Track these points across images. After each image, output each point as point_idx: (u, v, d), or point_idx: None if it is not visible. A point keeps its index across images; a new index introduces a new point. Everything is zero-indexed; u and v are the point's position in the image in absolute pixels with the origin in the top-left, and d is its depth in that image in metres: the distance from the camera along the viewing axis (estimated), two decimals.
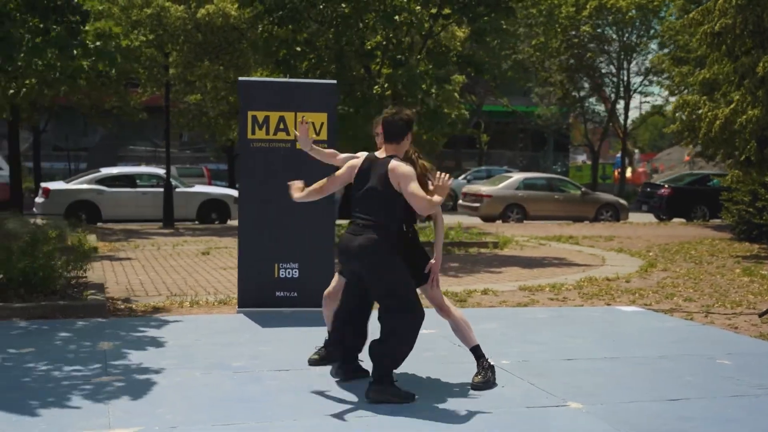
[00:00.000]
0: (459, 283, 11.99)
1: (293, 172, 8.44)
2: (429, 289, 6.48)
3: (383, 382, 5.89)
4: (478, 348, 6.48)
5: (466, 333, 6.49)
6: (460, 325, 6.48)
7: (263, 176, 9.18)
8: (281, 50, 16.20)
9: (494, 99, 36.27)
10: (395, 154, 6.00)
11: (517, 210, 24.82)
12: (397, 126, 6.00)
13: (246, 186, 9.31)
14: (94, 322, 8.61)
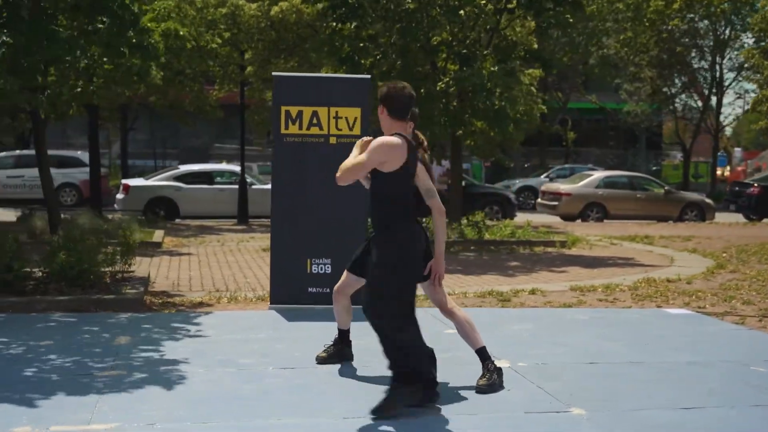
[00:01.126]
0: (510, 282, 11.68)
1: (326, 167, 8.34)
2: (431, 289, 6.24)
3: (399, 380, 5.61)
4: (483, 350, 6.22)
5: (471, 334, 6.23)
6: (464, 326, 6.23)
7: (296, 171, 9.08)
8: (345, 47, 16.09)
9: (582, 96, 35.51)
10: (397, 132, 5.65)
11: (596, 209, 24.21)
12: (404, 100, 5.66)
13: (278, 181, 9.21)
14: (124, 317, 8.63)
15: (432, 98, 15.88)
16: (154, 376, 6.26)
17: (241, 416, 5.36)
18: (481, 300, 10.11)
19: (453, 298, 10.14)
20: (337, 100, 9.06)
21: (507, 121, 15.74)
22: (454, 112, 15.91)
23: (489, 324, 8.45)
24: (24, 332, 7.74)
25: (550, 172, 31.15)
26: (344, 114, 9.07)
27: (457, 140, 17.07)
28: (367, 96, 9.26)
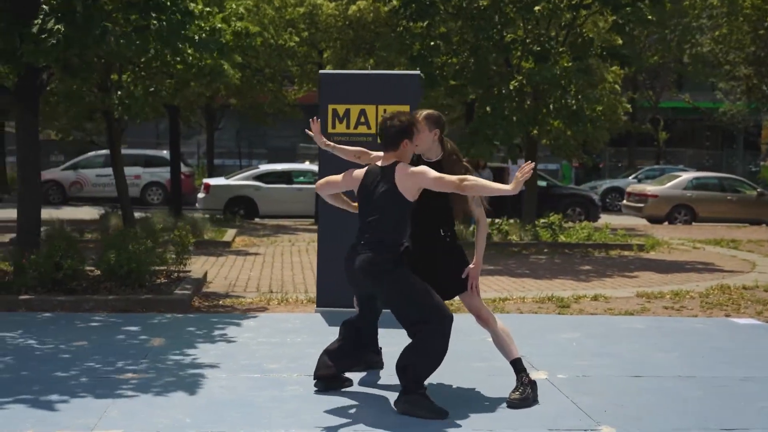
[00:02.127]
0: (577, 287, 11.25)
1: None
2: (467, 296, 5.96)
3: (412, 392, 5.45)
4: (518, 362, 5.90)
5: (507, 345, 5.93)
6: (500, 336, 5.95)
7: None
8: (416, 45, 15.82)
9: (674, 95, 34.43)
10: (398, 161, 5.57)
11: (684, 211, 23.36)
12: (390, 133, 5.61)
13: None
14: (168, 318, 8.56)
15: (505, 97, 15.49)
16: (175, 381, 6.12)
17: (246, 425, 5.16)
18: (539, 305, 9.73)
19: (511, 302, 9.83)
20: (386, 97, 8.80)
21: (584, 120, 15.22)
22: (528, 110, 15.48)
23: (537, 331, 8.12)
24: (63, 332, 7.72)
25: (639, 173, 30.25)
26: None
27: (532, 140, 16.63)
28: (418, 93, 8.98)
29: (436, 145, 5.92)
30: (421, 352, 5.46)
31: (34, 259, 9.15)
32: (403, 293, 5.49)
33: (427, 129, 5.83)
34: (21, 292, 9.06)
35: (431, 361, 5.50)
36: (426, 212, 5.90)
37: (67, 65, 9.93)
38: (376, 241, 5.52)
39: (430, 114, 5.92)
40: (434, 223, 5.93)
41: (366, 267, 5.50)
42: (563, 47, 15.97)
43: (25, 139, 9.79)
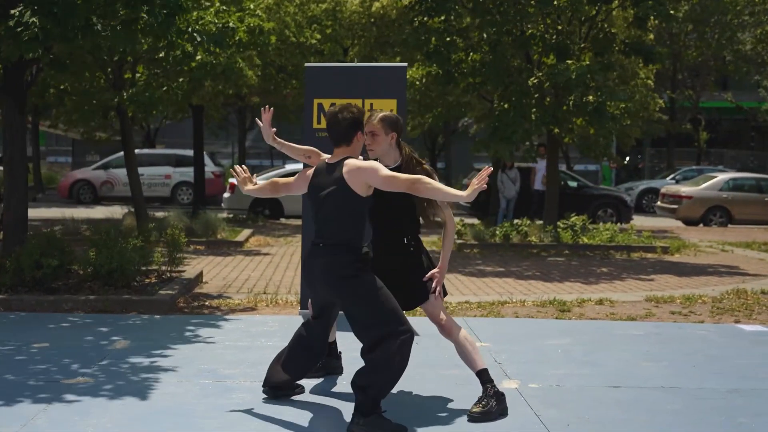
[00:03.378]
0: (582, 290, 10.80)
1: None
2: (429, 304, 5.58)
3: (368, 414, 5.04)
4: (484, 372, 5.47)
5: (471, 356, 5.51)
6: (464, 346, 5.52)
7: None
8: (433, 40, 15.42)
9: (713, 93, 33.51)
10: (349, 156, 5.22)
11: (720, 213, 22.65)
12: (342, 126, 5.23)
13: None
14: (144, 319, 8.30)
15: (524, 93, 15.03)
16: (122, 386, 5.83)
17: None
18: (538, 309, 9.31)
19: (510, 306, 9.42)
20: (372, 90, 8.45)
21: (606, 117, 14.69)
22: (548, 108, 15.00)
23: (525, 336, 7.73)
24: (29, 333, 7.49)
25: (677, 174, 29.47)
26: (379, 106, 8.39)
27: (553, 138, 16.14)
28: (404, 86, 8.61)
29: (394, 150, 5.56)
30: (382, 368, 5.02)
31: (15, 257, 8.95)
32: (365, 301, 5.09)
33: (383, 132, 5.47)
34: (3, 291, 8.87)
35: (392, 377, 5.08)
36: (387, 217, 5.55)
37: (55, 60, 9.73)
38: (334, 244, 5.16)
39: (387, 116, 5.54)
40: (396, 229, 5.58)
41: (326, 273, 5.13)
42: (585, 43, 15.46)
43: (12, 136, 9.60)
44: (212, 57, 15.46)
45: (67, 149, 41.46)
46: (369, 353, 5.05)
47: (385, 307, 5.07)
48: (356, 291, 5.08)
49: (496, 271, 12.59)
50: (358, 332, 5.14)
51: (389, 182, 5.05)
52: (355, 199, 5.11)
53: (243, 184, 5.74)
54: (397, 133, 5.55)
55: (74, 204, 26.20)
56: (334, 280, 5.11)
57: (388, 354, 4.99)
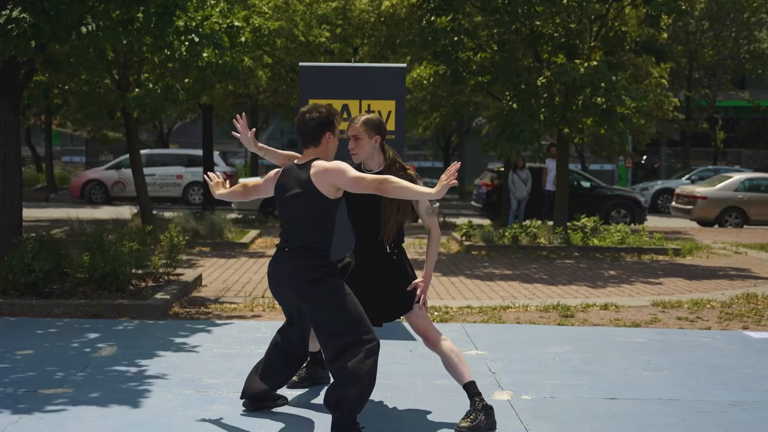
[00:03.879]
0: (588, 294, 10.56)
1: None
2: (414, 315, 5.36)
3: (346, 431, 4.86)
4: (472, 385, 5.25)
5: (458, 368, 5.27)
6: (450, 358, 5.29)
7: None
8: (442, 40, 15.19)
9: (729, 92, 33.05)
10: (317, 157, 5.02)
11: (735, 214, 22.30)
12: (309, 127, 5.07)
13: None
14: (137, 324, 8.14)
15: (533, 93, 14.79)
16: (101, 397, 5.66)
17: None
18: (541, 315, 9.08)
19: (512, 311, 9.21)
20: (370, 91, 8.26)
21: (615, 117, 14.43)
22: (557, 108, 14.75)
23: (524, 344, 7.51)
24: (16, 338, 7.34)
25: (692, 174, 29.08)
26: (377, 107, 8.25)
27: (563, 138, 15.88)
28: (403, 87, 8.41)
29: (378, 153, 5.38)
30: (352, 380, 4.82)
31: (7, 260, 8.81)
32: (331, 306, 4.92)
33: (366, 136, 5.29)
34: None
35: (364, 388, 4.88)
36: (369, 224, 5.35)
37: (49, 60, 9.58)
38: (301, 248, 4.98)
39: (370, 119, 5.34)
40: (375, 238, 5.37)
41: (292, 277, 4.95)
42: (595, 41, 15.20)
43: (6, 136, 9.46)
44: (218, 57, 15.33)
45: (81, 149, 41.49)
46: (334, 363, 4.88)
47: (352, 314, 4.90)
48: (322, 296, 4.91)
49: (503, 274, 12.36)
50: (322, 340, 4.97)
51: (356, 183, 4.88)
52: (323, 201, 4.94)
53: (215, 188, 5.58)
54: (381, 136, 5.38)
55: (86, 204, 26.14)
56: (299, 285, 4.94)
57: (356, 364, 4.81)
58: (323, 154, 5.07)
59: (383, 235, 5.31)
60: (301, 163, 5.06)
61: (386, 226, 5.30)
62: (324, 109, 5.08)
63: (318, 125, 5.04)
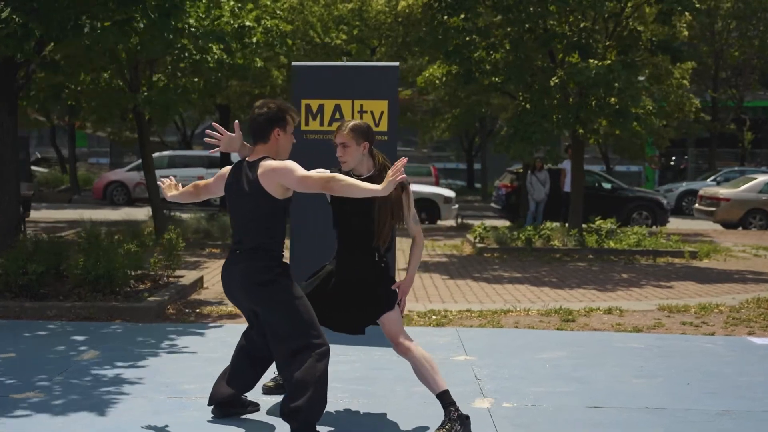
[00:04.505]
0: (594, 298, 10.35)
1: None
2: (389, 320, 5.18)
3: None
4: (446, 394, 5.06)
5: (430, 376, 5.08)
6: (421, 365, 5.09)
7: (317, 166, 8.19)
8: (454, 40, 15.02)
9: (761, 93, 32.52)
10: (267, 155, 4.87)
11: (760, 216, 21.89)
12: (258, 122, 4.91)
13: None
14: (127, 327, 8.05)
15: (546, 93, 14.57)
16: (72, 402, 5.55)
17: None
18: (541, 319, 8.88)
19: (513, 315, 9.03)
20: (362, 91, 8.10)
21: (629, 118, 14.18)
22: (571, 108, 14.53)
23: (517, 349, 7.33)
24: (2, 340, 7.28)
25: (718, 175, 28.63)
26: (369, 107, 8.10)
27: (577, 139, 15.64)
28: (396, 86, 8.25)
29: (367, 159, 5.27)
30: (305, 388, 4.67)
31: (2, 262, 8.76)
32: (283, 307, 4.79)
33: (354, 143, 5.19)
34: None
35: (317, 394, 4.71)
36: (361, 230, 5.22)
37: (46, 61, 9.53)
38: (251, 249, 4.85)
39: (357, 125, 5.24)
40: (367, 244, 5.23)
41: (244, 279, 4.82)
42: (610, 41, 14.95)
43: (2, 137, 9.42)
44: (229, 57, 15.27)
45: (106, 150, 41.71)
46: (285, 370, 4.75)
47: (303, 317, 4.78)
48: (273, 297, 4.79)
49: (512, 277, 12.16)
50: (273, 344, 4.85)
51: (303, 183, 4.74)
52: (271, 202, 4.80)
53: (167, 191, 5.44)
54: (369, 142, 5.26)
55: (108, 205, 26.23)
56: (251, 286, 4.81)
57: (306, 371, 4.68)
58: (272, 151, 4.91)
59: (378, 241, 5.20)
60: (251, 161, 4.92)
61: (381, 232, 5.19)
62: (274, 104, 4.94)
63: (267, 121, 4.89)
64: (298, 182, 4.70)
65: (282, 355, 4.78)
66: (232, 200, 4.95)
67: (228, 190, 4.98)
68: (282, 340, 4.78)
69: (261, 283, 4.78)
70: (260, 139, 4.91)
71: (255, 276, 4.79)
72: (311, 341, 4.74)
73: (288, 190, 4.81)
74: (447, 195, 22.71)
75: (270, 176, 4.74)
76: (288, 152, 5.00)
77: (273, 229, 4.85)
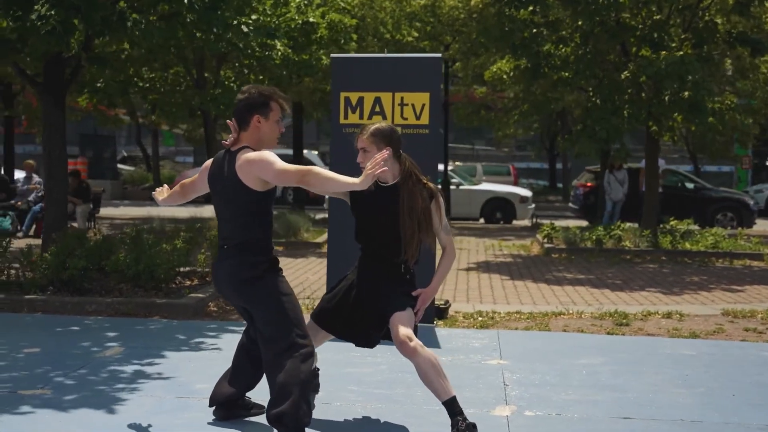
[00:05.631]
0: (656, 301, 9.87)
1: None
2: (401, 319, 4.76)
3: None
4: (453, 402, 4.72)
5: (436, 380, 4.72)
6: (428, 369, 4.70)
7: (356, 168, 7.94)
8: (525, 32, 14.61)
9: None
10: (247, 145, 4.62)
11: None
12: (238, 108, 4.66)
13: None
14: (163, 323, 7.95)
15: (616, 88, 14.04)
16: (76, 399, 5.41)
17: None
18: (593, 322, 8.46)
19: (563, 318, 8.66)
20: (403, 83, 7.83)
21: (705, 113, 13.55)
22: (644, 103, 13.97)
23: (555, 353, 6.96)
24: (33, 335, 7.26)
25: None
26: (410, 100, 7.83)
27: (650, 137, 15.04)
28: (439, 78, 7.95)
29: (392, 165, 4.84)
30: (289, 392, 4.40)
31: (45, 258, 8.76)
32: (270, 303, 4.55)
33: (375, 148, 4.78)
34: (33, 291, 8.69)
35: (303, 396, 4.44)
36: (382, 244, 4.88)
37: (93, 55, 9.51)
38: (237, 245, 4.62)
39: (379, 129, 4.86)
40: (393, 258, 4.88)
41: (231, 276, 4.60)
42: (685, 33, 14.32)
43: (51, 133, 9.44)
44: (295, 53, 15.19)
45: (192, 149, 42.29)
46: (269, 372, 4.51)
47: (290, 315, 4.54)
48: (259, 293, 4.57)
49: (574, 279, 11.72)
50: (260, 343, 4.62)
51: (281, 177, 4.47)
52: (253, 195, 4.55)
53: (158, 196, 5.24)
54: (392, 146, 4.82)
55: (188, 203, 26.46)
56: (238, 283, 4.59)
57: (290, 373, 4.43)
58: (253, 139, 4.65)
59: (406, 255, 4.84)
60: (233, 151, 4.67)
61: (408, 245, 4.82)
62: (256, 90, 4.68)
63: (246, 107, 4.63)
64: (275, 176, 4.44)
65: (267, 356, 4.55)
66: (214, 194, 4.73)
67: (210, 182, 4.76)
68: (266, 340, 4.56)
69: (247, 281, 4.56)
70: (241, 126, 4.67)
71: (241, 273, 4.57)
72: (296, 341, 4.49)
73: (267, 183, 4.55)
74: (523, 194, 22.27)
75: (247, 169, 4.50)
76: (273, 141, 4.72)
77: (257, 222, 4.61)
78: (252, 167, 4.47)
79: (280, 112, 4.71)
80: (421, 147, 7.74)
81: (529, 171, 37.18)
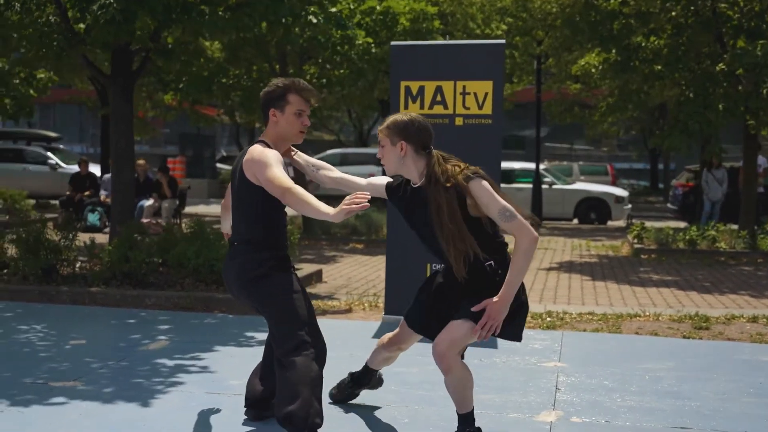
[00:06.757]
0: (744, 304, 9.26)
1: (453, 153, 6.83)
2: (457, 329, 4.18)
3: None
4: (468, 417, 4.34)
5: (460, 393, 4.30)
6: (455, 386, 4.27)
7: None
8: (615, 23, 14.05)
9: None
10: (263, 140, 4.38)
11: None
12: (261, 103, 4.46)
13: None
14: (218, 318, 7.80)
15: (711, 80, 13.36)
16: (106, 393, 5.27)
17: None
18: (669, 325, 7.94)
19: (639, 320, 8.18)
20: (465, 71, 7.49)
21: None
22: (740, 96, 13.25)
23: (619, 357, 6.53)
24: (84, 327, 7.20)
25: None
26: (473, 89, 7.48)
27: (748, 131, 14.27)
28: (502, 66, 7.58)
29: (414, 163, 4.21)
30: (297, 392, 4.12)
31: (107, 251, 8.73)
32: (279, 303, 4.29)
33: (389, 141, 4.22)
34: (96, 284, 8.67)
35: (313, 396, 4.15)
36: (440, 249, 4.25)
37: (159, 47, 9.46)
38: (247, 242, 4.37)
39: (395, 121, 4.23)
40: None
41: (239, 274, 4.35)
42: None
43: (118, 124, 9.42)
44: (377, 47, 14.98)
45: None
46: (278, 370, 4.24)
47: (299, 312, 4.27)
48: (267, 291, 4.31)
49: (661, 280, 11.14)
50: (272, 342, 4.36)
51: (268, 185, 4.13)
52: (257, 192, 4.26)
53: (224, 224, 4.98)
54: (411, 141, 4.19)
55: None
56: (246, 282, 4.33)
57: (298, 371, 4.16)
58: (272, 134, 4.40)
59: (455, 269, 4.15)
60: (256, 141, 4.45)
61: (452, 258, 4.12)
62: (277, 82, 4.41)
63: (264, 100, 4.41)
64: (265, 182, 4.15)
65: (276, 354, 4.28)
66: (232, 188, 4.50)
67: (231, 176, 4.53)
68: (276, 339, 4.31)
69: (254, 279, 4.31)
70: (264, 121, 4.45)
71: (248, 271, 4.32)
72: (304, 339, 4.21)
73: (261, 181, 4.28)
74: (618, 194, 21.56)
75: (249, 166, 4.25)
76: (294, 136, 4.41)
77: (264, 219, 4.34)
78: (252, 166, 4.22)
79: (302, 104, 4.38)
80: (483, 138, 7.41)
81: (631, 171, 36.16)
